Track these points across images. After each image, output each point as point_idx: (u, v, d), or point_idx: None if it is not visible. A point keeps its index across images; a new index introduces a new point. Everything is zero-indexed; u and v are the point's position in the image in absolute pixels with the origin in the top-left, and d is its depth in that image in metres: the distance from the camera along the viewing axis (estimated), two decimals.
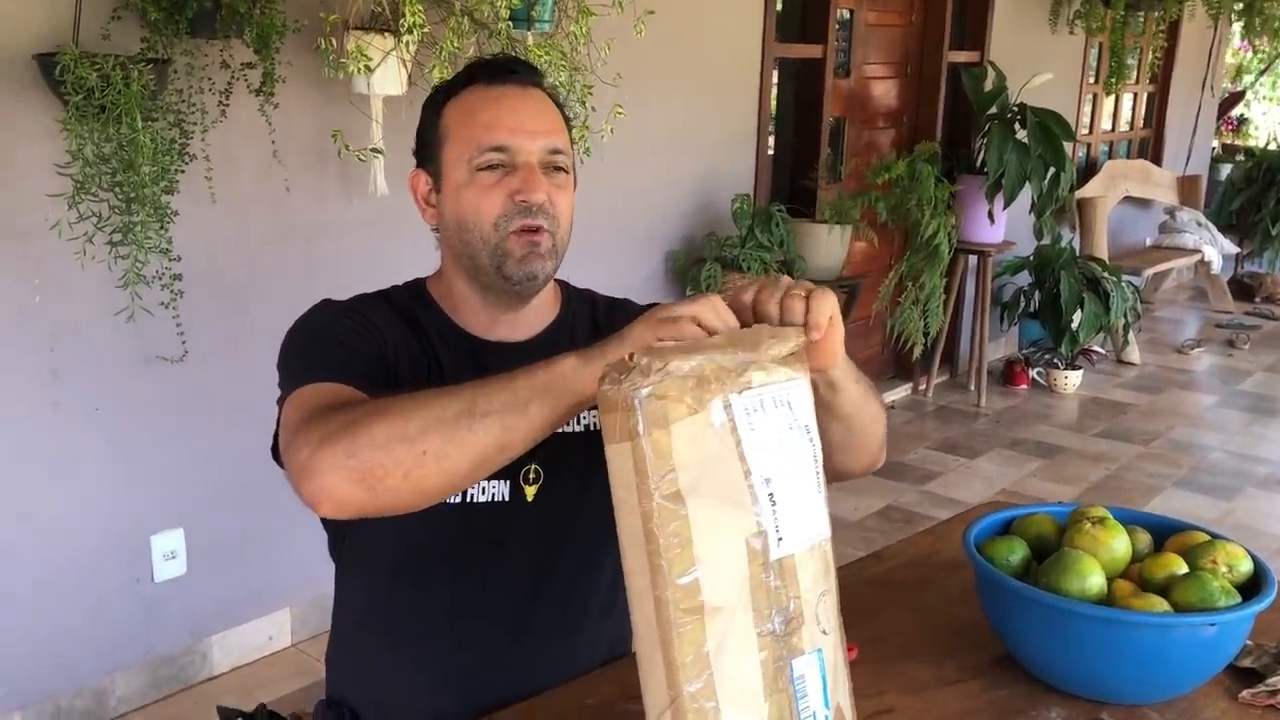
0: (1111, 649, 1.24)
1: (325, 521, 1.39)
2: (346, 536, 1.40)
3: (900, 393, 5.33)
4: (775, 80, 4.31)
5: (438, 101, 1.33)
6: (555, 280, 1.41)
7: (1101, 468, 4.44)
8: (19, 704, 2.43)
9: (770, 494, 0.90)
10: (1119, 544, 1.34)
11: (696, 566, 0.86)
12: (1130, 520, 1.43)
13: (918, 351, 4.32)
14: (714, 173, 3.96)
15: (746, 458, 0.90)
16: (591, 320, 1.43)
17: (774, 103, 4.42)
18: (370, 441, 1.05)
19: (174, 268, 2.33)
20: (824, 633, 0.96)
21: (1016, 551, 1.37)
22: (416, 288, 1.41)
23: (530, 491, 1.33)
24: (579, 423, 1.33)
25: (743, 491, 0.89)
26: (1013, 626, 1.33)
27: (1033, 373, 5.54)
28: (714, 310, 1.02)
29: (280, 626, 2.86)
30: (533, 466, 1.33)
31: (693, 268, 3.69)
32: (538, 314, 1.38)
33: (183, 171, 2.29)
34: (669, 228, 3.83)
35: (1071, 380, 5.44)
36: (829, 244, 3.91)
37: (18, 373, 2.31)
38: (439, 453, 1.04)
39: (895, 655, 1.40)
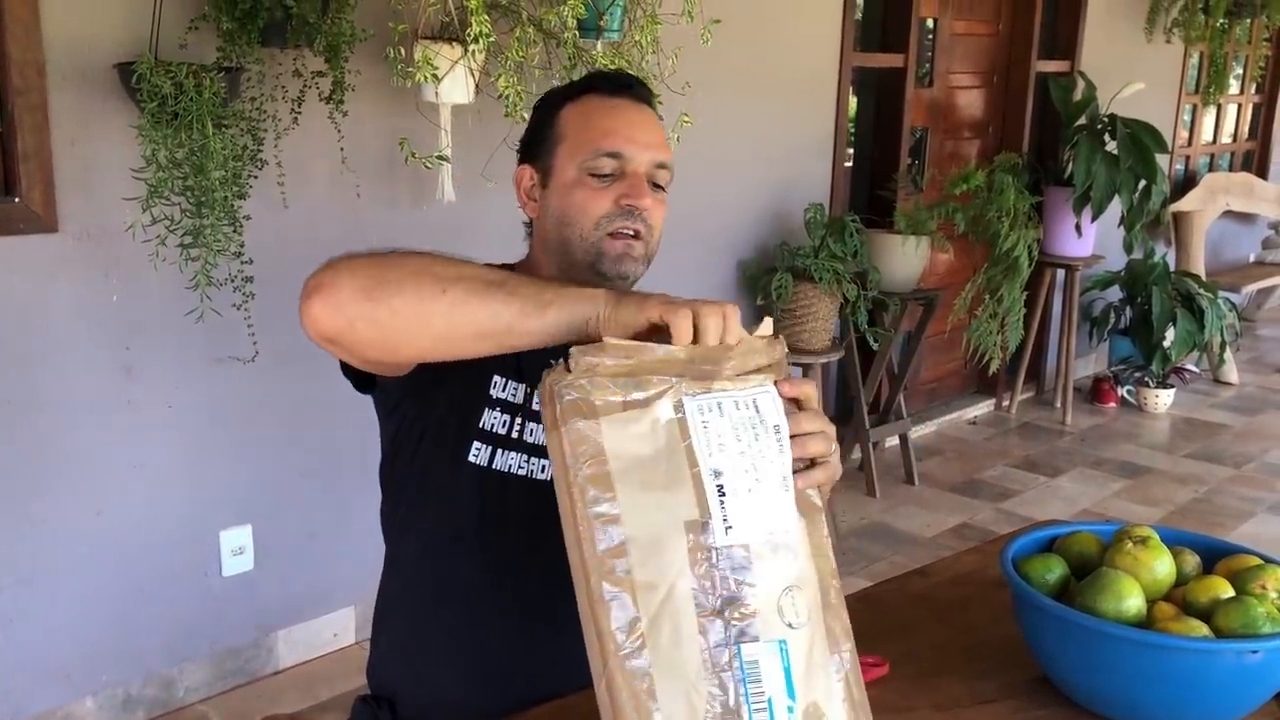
0: (1147, 673, 1.19)
1: (383, 483, 1.44)
2: (401, 499, 1.43)
3: (982, 409, 5.23)
4: (854, 90, 4.27)
5: (554, 103, 1.40)
6: None
7: (1189, 490, 4.29)
8: (91, 690, 2.51)
9: (719, 485, 0.96)
10: (1161, 565, 1.30)
11: (626, 544, 0.92)
12: (1178, 541, 1.38)
13: (994, 366, 4.22)
14: (788, 182, 3.94)
15: (695, 451, 0.96)
16: None
17: (853, 112, 4.38)
18: (401, 264, 1.12)
19: (246, 270, 2.39)
20: (790, 626, 0.97)
21: (1054, 570, 1.33)
22: (510, 267, 1.44)
23: None
24: None
25: (685, 482, 0.95)
26: (1047, 647, 1.29)
27: (1122, 391, 5.38)
28: (716, 318, 1.01)
29: (344, 624, 2.92)
30: None
31: (764, 277, 3.67)
32: None
33: (255, 177, 2.36)
34: (741, 236, 3.82)
35: (1163, 399, 5.27)
36: (904, 255, 3.85)
37: (95, 370, 2.40)
38: (458, 299, 1.08)
39: (929, 672, 1.37)
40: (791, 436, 1.03)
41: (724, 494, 0.96)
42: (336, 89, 2.41)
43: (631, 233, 1.33)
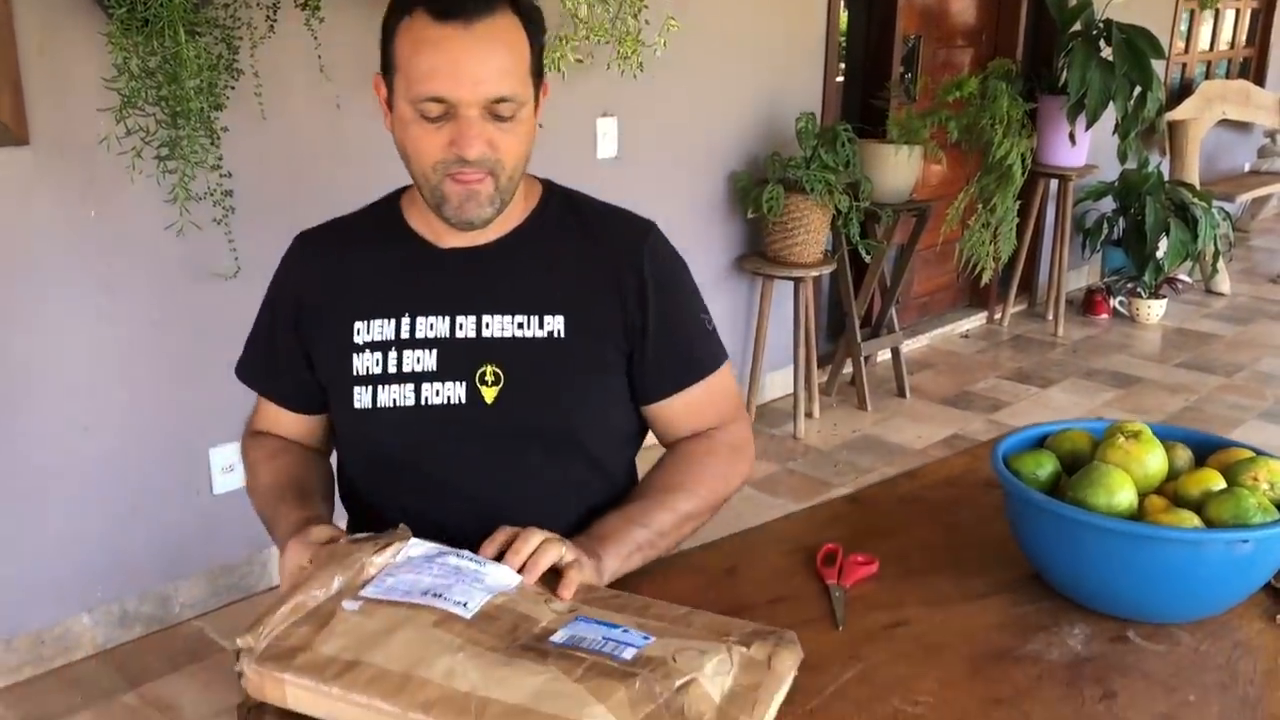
0: (1138, 565, 1.19)
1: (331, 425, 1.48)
2: (336, 437, 1.47)
3: (974, 322, 5.21)
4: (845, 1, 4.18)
5: (393, 16, 1.26)
6: (534, 178, 1.41)
7: (1180, 399, 4.29)
8: (87, 606, 2.52)
9: (436, 594, 1.09)
10: (1153, 459, 1.29)
11: (411, 674, 0.99)
12: (1171, 436, 1.37)
13: (987, 277, 4.20)
14: (779, 91, 3.87)
15: (399, 601, 1.08)
16: (574, 223, 1.40)
17: (844, 24, 4.28)
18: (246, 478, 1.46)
19: (225, 184, 2.35)
20: (571, 611, 1.13)
21: (1045, 466, 1.33)
22: (391, 200, 1.44)
23: (489, 394, 1.33)
24: (542, 327, 1.33)
25: (406, 612, 1.06)
26: (1038, 542, 1.29)
27: (1114, 302, 5.37)
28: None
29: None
30: (489, 368, 1.33)
31: (755, 189, 3.62)
32: (501, 219, 1.34)
33: (232, 87, 2.30)
34: (730, 148, 3.76)
35: (1154, 310, 5.26)
36: (897, 165, 3.80)
37: (75, 287, 2.36)
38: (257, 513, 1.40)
39: (918, 570, 1.37)
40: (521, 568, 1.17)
41: (440, 595, 1.09)
42: None
43: (476, 176, 1.25)
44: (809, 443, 3.81)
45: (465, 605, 1.07)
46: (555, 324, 1.34)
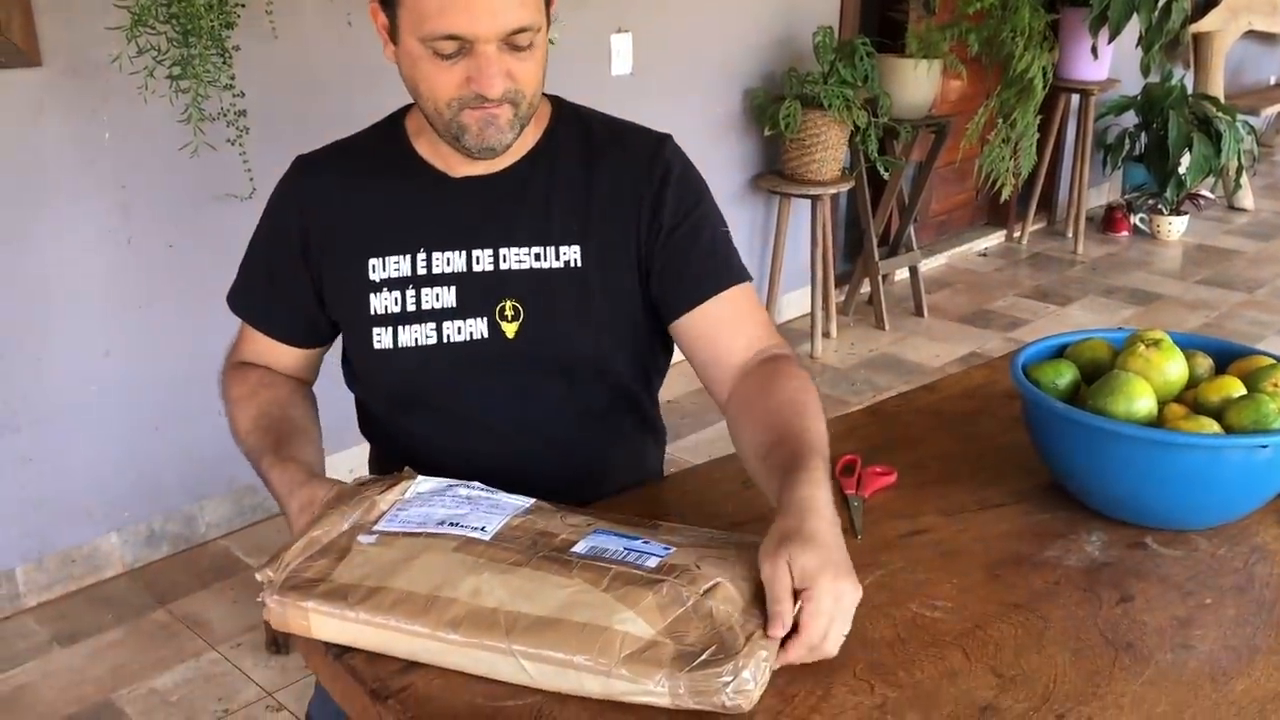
0: (1156, 472, 1.19)
1: (343, 356, 1.43)
2: (352, 373, 1.42)
3: (993, 240, 5.17)
4: None
5: None
6: (546, 98, 1.35)
7: (1200, 315, 4.27)
8: (115, 525, 2.57)
9: (454, 523, 1.09)
10: (1173, 367, 1.29)
11: (437, 595, 1.00)
12: (1191, 345, 1.36)
13: (1006, 193, 4.15)
14: (795, 3, 3.80)
15: (415, 531, 1.08)
16: (585, 143, 1.34)
17: None
18: (225, 410, 1.43)
19: (238, 104, 2.33)
20: (589, 524, 1.11)
21: (1065, 374, 1.32)
22: (394, 122, 1.37)
23: (510, 329, 1.31)
24: (558, 258, 1.30)
25: (425, 540, 1.07)
26: (1056, 450, 1.29)
27: (1135, 219, 5.31)
28: None
29: (359, 459, 2.93)
30: (508, 303, 1.30)
31: (772, 105, 3.57)
32: (515, 144, 1.29)
33: (242, 5, 2.27)
34: (746, 63, 3.70)
35: (1176, 226, 5.20)
36: (916, 80, 3.74)
37: (91, 209, 2.36)
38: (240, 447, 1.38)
39: (936, 480, 1.38)
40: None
41: (458, 524, 1.09)
42: None
43: (494, 106, 1.19)
44: (826, 362, 3.82)
45: (483, 529, 1.08)
46: (571, 254, 1.31)
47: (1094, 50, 4.54)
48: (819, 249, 3.78)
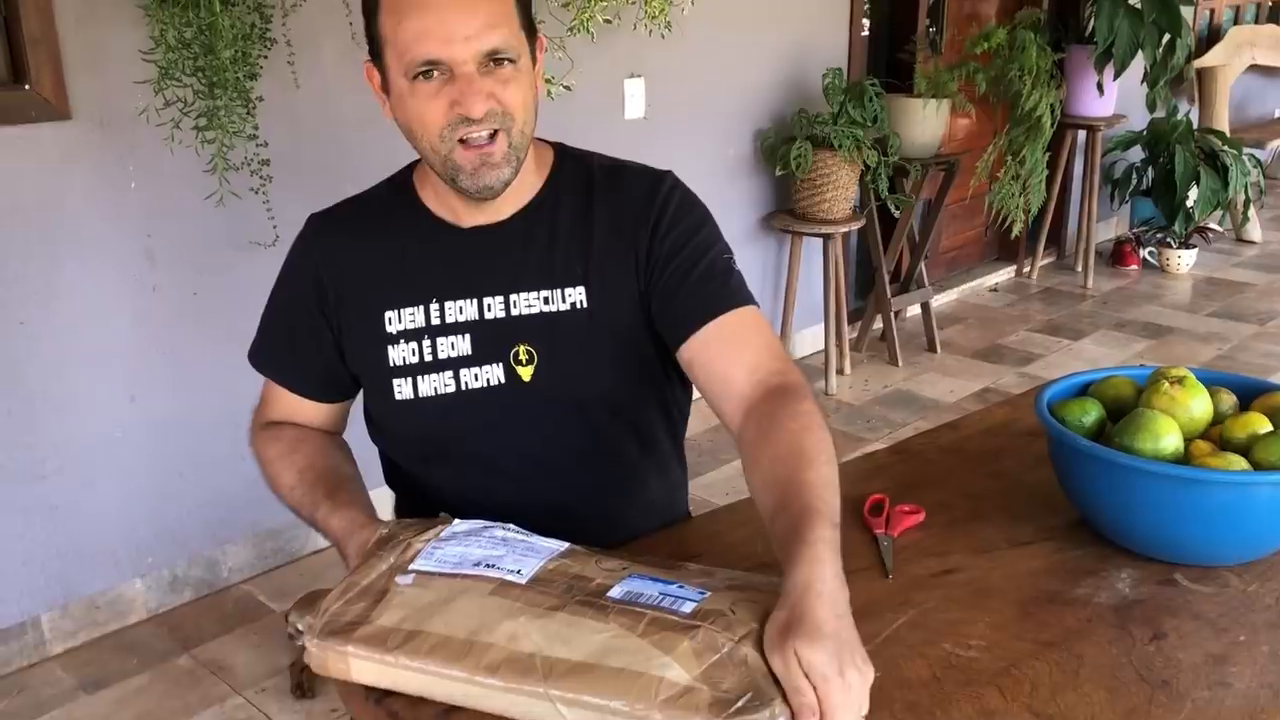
0: (1185, 509, 1.20)
1: (364, 409, 1.45)
2: (375, 425, 1.44)
3: (1003, 275, 5.20)
4: None
5: (368, 1, 1.24)
6: (547, 143, 1.38)
7: (1212, 347, 4.28)
8: (139, 572, 2.58)
9: (489, 564, 1.10)
10: (1198, 404, 1.30)
11: (474, 639, 1.01)
12: (1214, 381, 1.38)
13: (1017, 229, 4.18)
14: (804, 46, 3.85)
15: (451, 573, 1.10)
16: (586, 186, 1.36)
17: None
18: (261, 472, 1.46)
19: (261, 153, 2.37)
20: (624, 568, 1.12)
21: (1090, 412, 1.34)
22: (403, 178, 1.40)
23: (525, 373, 1.33)
24: (564, 300, 1.32)
25: (462, 582, 1.08)
26: (1084, 488, 1.31)
27: (1144, 253, 5.33)
28: None
29: (381, 502, 2.96)
30: (521, 347, 1.32)
31: (783, 146, 3.61)
32: (517, 192, 1.32)
33: (265, 57, 2.32)
34: (757, 105, 3.75)
35: (1185, 260, 5.22)
36: (925, 120, 3.78)
37: (118, 258, 2.40)
38: (285, 503, 1.40)
39: (964, 519, 1.39)
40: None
41: (493, 565, 1.10)
42: None
43: (485, 136, 1.21)
44: (842, 399, 3.83)
45: (519, 572, 1.09)
46: (577, 295, 1.32)
47: (1099, 87, 4.59)
48: (832, 286, 3.80)
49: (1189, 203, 5.04)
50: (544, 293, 1.32)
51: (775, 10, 3.70)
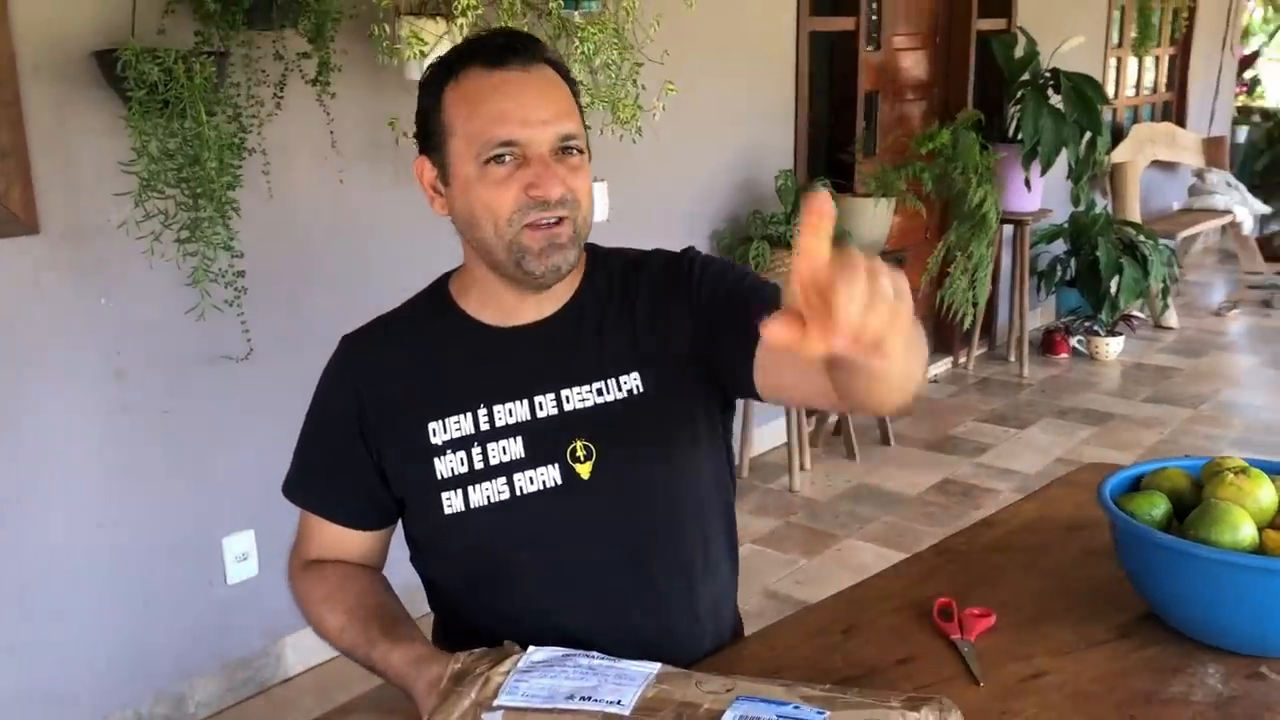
0: (1269, 600, 1.20)
1: (406, 536, 1.38)
2: (419, 549, 1.37)
3: (941, 367, 5.29)
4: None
5: (435, 86, 1.24)
6: None
7: (1154, 432, 4.39)
8: (101, 713, 2.40)
9: (585, 696, 1.05)
10: (1265, 493, 1.30)
11: None
12: (1267, 470, 1.39)
13: (968, 322, 4.27)
14: (755, 149, 3.92)
15: (543, 708, 1.04)
16: (621, 275, 1.35)
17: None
18: (304, 614, 1.36)
19: (237, 264, 2.29)
20: (728, 690, 1.07)
21: (1159, 506, 1.33)
22: (437, 289, 1.37)
23: (584, 470, 1.27)
24: (620, 389, 1.29)
25: (562, 718, 1.03)
26: (1162, 583, 1.29)
27: (1073, 341, 5.49)
28: None
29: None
30: (579, 443, 1.27)
31: (739, 246, 3.65)
32: (560, 289, 1.31)
33: (238, 165, 2.26)
34: (713, 207, 3.79)
35: (1113, 347, 5.39)
36: (874, 217, 3.86)
37: (87, 377, 2.28)
38: (337, 644, 1.31)
39: (1032, 620, 1.37)
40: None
41: (590, 698, 1.05)
42: (323, 70, 2.31)
43: (553, 220, 1.20)
44: (806, 495, 3.82)
45: (620, 703, 1.03)
46: (632, 381, 1.29)
47: (1027, 183, 4.76)
48: None
49: (1113, 291, 5.23)
50: (597, 384, 1.29)
51: (728, 114, 3.77)
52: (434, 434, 1.28)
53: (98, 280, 2.25)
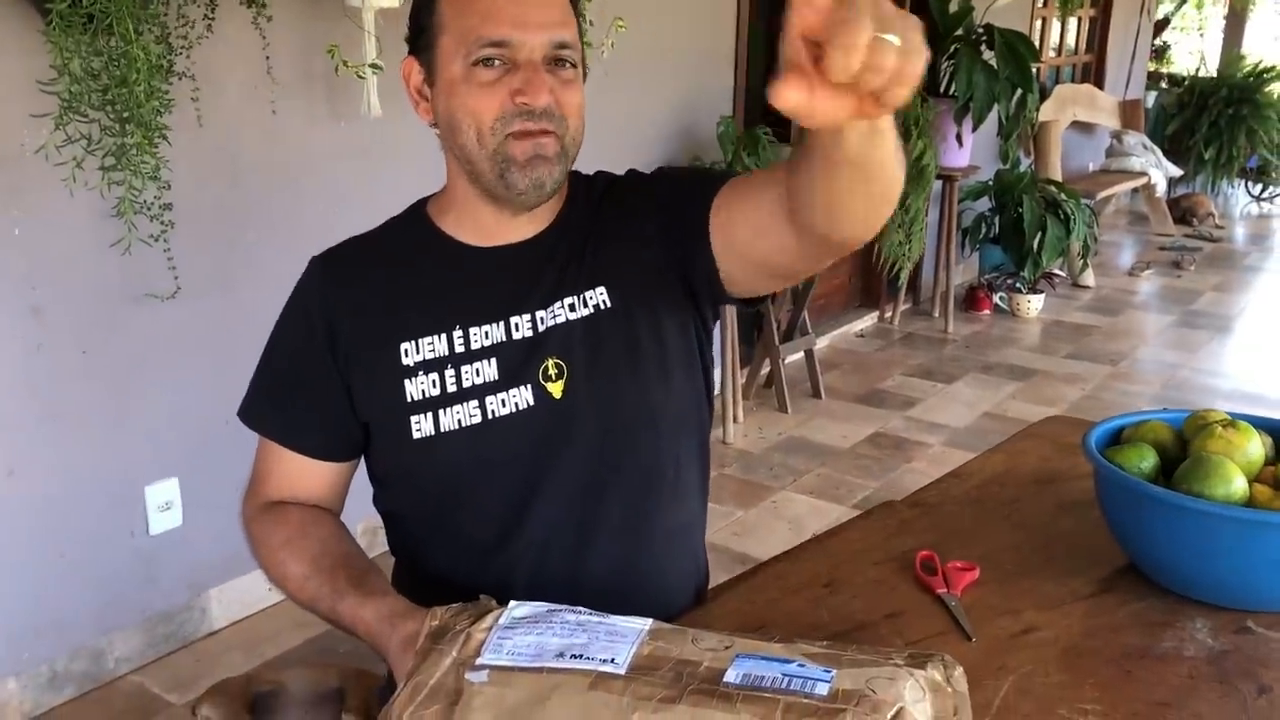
0: (1260, 554, 1.19)
1: (370, 473, 1.32)
2: (383, 483, 1.31)
3: (867, 321, 5.31)
4: None
5: None
6: None
7: (1077, 388, 4.47)
8: (14, 670, 2.27)
9: (575, 654, 0.97)
10: (1253, 447, 1.29)
11: None
12: (1252, 424, 1.38)
13: (904, 276, 4.27)
14: (696, 94, 3.84)
15: (531, 666, 0.97)
16: (597, 205, 1.29)
17: None
18: (260, 560, 1.26)
19: (164, 196, 2.15)
20: (726, 647, 1.01)
21: (1147, 459, 1.31)
22: (414, 211, 1.32)
23: (556, 389, 1.22)
24: (586, 304, 1.23)
25: (550, 678, 0.96)
26: (1150, 536, 1.28)
27: (995, 298, 5.55)
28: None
29: None
30: (550, 361, 1.22)
31: None
32: (541, 211, 1.25)
33: (166, 90, 2.11)
34: (653, 154, 3.71)
35: (1034, 304, 5.47)
36: None
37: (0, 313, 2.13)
38: (293, 594, 1.22)
39: (1015, 573, 1.35)
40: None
41: (582, 655, 0.97)
42: None
43: (538, 130, 1.15)
44: (739, 447, 3.79)
45: (613, 661, 0.97)
46: (599, 296, 1.23)
47: (959, 139, 4.77)
48: (728, 333, 3.78)
49: (1036, 249, 5.29)
50: (569, 299, 1.23)
51: (667, 57, 3.68)
52: (406, 355, 1.23)
53: (11, 209, 2.09)
